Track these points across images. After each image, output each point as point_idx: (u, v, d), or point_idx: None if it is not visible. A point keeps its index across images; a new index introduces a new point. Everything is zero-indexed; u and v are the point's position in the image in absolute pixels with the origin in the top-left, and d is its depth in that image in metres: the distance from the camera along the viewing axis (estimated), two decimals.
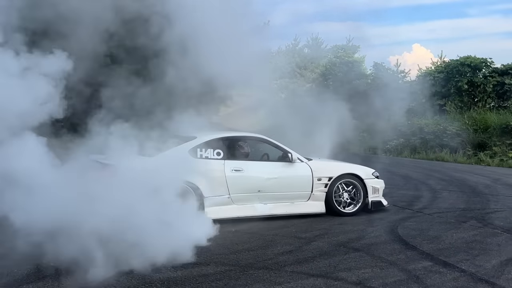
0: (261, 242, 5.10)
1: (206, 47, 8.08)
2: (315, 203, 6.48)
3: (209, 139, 6.20)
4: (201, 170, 5.87)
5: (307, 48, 31.03)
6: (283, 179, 6.34)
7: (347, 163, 7.14)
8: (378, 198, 6.80)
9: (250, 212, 6.15)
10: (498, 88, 17.75)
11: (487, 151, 14.84)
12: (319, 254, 4.64)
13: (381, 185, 6.93)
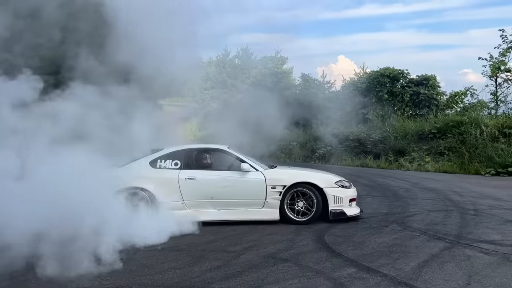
0: (188, 259, 4.93)
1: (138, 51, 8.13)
2: (269, 211, 6.68)
3: (170, 151, 7.01)
4: (157, 178, 6.69)
5: (237, 58, 31.33)
6: (236, 187, 6.74)
7: (308, 172, 7.16)
8: (341, 208, 6.67)
9: (204, 217, 6.57)
10: (415, 98, 19.03)
11: (406, 156, 15.79)
12: (248, 267, 4.57)
13: (346, 194, 6.78)
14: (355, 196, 6.97)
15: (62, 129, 5.88)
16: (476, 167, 13.23)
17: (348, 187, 6.89)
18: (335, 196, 6.64)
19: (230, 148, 7.20)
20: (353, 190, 7.02)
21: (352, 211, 6.81)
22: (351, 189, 6.95)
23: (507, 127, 13.78)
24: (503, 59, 16.58)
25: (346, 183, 6.91)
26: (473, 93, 18.02)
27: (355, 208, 6.93)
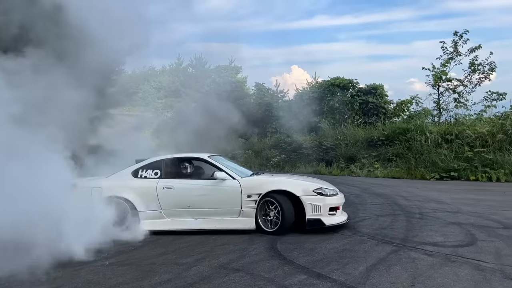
0: (137, 273, 4.78)
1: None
2: (245, 220, 6.59)
3: (152, 161, 7.20)
4: (137, 188, 6.89)
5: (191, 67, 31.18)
6: (212, 195, 6.71)
7: (285, 179, 6.97)
8: (319, 217, 6.36)
9: (181, 226, 6.72)
10: (364, 106, 19.66)
11: (357, 163, 16.26)
12: (199, 279, 4.50)
13: (326, 202, 6.43)
14: (338, 204, 6.64)
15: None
16: (421, 172, 13.83)
17: (329, 195, 6.52)
18: (312, 204, 6.36)
19: (211, 157, 7.21)
20: (337, 197, 6.66)
21: (333, 220, 6.46)
22: (333, 196, 6.59)
23: (449, 134, 14.53)
24: (444, 69, 17.51)
25: (327, 191, 6.56)
26: (418, 102, 18.88)
27: (339, 217, 6.60)
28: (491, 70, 17.06)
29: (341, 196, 6.86)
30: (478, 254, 5.12)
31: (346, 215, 6.87)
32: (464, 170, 12.96)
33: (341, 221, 6.58)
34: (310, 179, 7.45)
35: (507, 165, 12.32)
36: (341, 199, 6.80)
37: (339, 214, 6.67)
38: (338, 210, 6.65)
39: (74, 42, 8.18)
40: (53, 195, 5.47)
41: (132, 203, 6.76)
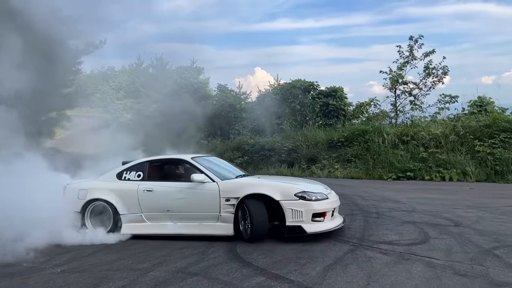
0: (91, 280, 4.62)
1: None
2: (224, 225, 6.18)
3: (136, 163, 6.99)
4: (119, 190, 6.73)
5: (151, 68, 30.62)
6: (190, 199, 6.38)
7: (266, 182, 6.49)
8: (299, 223, 5.81)
9: (161, 230, 6.47)
10: (324, 108, 20.01)
11: (318, 164, 16.49)
12: (155, 284, 4.40)
13: (309, 207, 5.86)
14: (325, 210, 6.01)
15: None
16: (379, 173, 14.21)
17: (313, 200, 5.95)
18: (293, 210, 5.80)
19: (196, 159, 6.88)
20: (324, 202, 6.06)
21: (318, 227, 5.87)
22: (319, 201, 6.00)
23: (405, 135, 15.01)
24: (401, 72, 18.09)
25: (312, 195, 5.98)
26: (376, 104, 19.40)
27: (326, 223, 6.00)
28: (444, 74, 17.79)
29: (331, 200, 6.24)
30: (430, 251, 5.29)
31: (340, 221, 6.35)
32: (419, 170, 13.42)
33: (329, 228, 5.97)
34: (303, 182, 6.86)
35: (458, 165, 12.86)
36: (330, 203, 6.17)
37: (328, 219, 6.06)
38: (325, 216, 6.02)
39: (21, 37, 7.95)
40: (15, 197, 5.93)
41: (114, 206, 6.62)
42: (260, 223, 5.86)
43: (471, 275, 4.38)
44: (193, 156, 7.02)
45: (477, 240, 5.76)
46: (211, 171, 6.57)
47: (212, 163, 7.23)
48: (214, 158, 7.79)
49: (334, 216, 6.32)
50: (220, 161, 7.90)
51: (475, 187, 11.28)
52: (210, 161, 7.29)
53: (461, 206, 8.36)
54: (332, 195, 6.48)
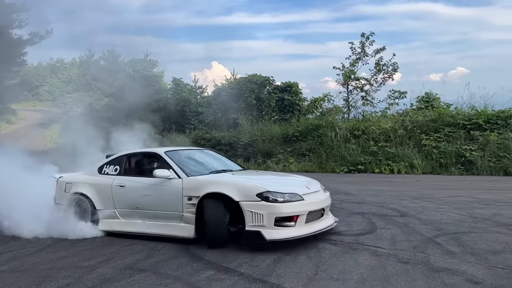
0: (32, 279, 4.41)
1: None
2: (186, 226, 5.56)
3: (115, 157, 6.69)
4: (96, 185, 6.51)
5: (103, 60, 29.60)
6: (155, 196, 5.91)
7: (227, 179, 5.74)
8: (258, 228, 5.02)
9: (131, 228, 6.12)
10: (280, 103, 20.21)
11: (273, 158, 16.64)
12: (100, 282, 4.27)
13: (271, 210, 5.04)
14: (294, 213, 5.16)
15: None
16: (332, 166, 14.55)
17: (279, 201, 5.10)
18: (253, 212, 5.03)
19: (168, 153, 6.29)
20: (295, 204, 5.20)
21: (281, 234, 5.06)
22: (287, 203, 5.15)
23: (357, 129, 15.45)
24: (353, 68, 18.57)
25: (278, 196, 5.14)
26: (329, 99, 19.82)
27: (296, 229, 5.17)
28: (394, 71, 18.42)
29: (309, 202, 5.34)
30: (376, 241, 5.47)
31: (323, 225, 5.50)
32: (370, 163, 13.87)
33: (298, 235, 5.13)
34: (284, 179, 6.33)
35: (406, 158, 13.40)
36: (305, 206, 5.27)
37: (301, 224, 5.22)
38: (296, 220, 5.19)
39: None
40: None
41: (91, 201, 6.43)
42: (214, 226, 5.21)
43: (413, 262, 4.57)
44: (167, 150, 6.49)
45: (420, 229, 6.02)
46: (180, 166, 5.95)
47: (192, 158, 6.67)
48: (204, 152, 7.33)
49: (320, 219, 5.57)
50: (212, 155, 7.32)
51: (421, 179, 11.80)
52: (191, 156, 6.76)
53: (408, 197, 8.72)
54: (314, 196, 5.59)
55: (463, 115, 14.13)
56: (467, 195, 8.73)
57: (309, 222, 5.33)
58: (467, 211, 7.12)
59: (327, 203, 5.79)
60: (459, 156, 12.76)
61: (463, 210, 7.21)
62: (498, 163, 12.12)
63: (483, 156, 12.33)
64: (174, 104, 22.70)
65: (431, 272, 4.25)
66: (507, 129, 12.84)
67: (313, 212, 5.40)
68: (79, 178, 6.86)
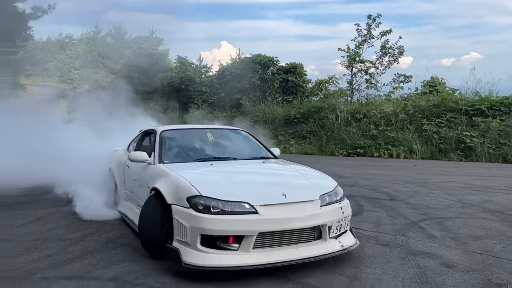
0: (16, 250, 4.50)
1: None
2: None
3: (138, 133, 6.24)
4: (116, 162, 6.29)
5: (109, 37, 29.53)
6: (138, 182, 5.11)
7: (171, 175, 4.23)
8: (179, 245, 3.73)
9: (130, 215, 5.28)
10: (284, 84, 20.10)
11: (274, 140, 16.64)
12: (81, 254, 4.34)
13: (196, 224, 3.57)
14: (232, 233, 3.57)
15: None
16: (331, 149, 14.54)
17: (213, 212, 3.59)
18: (179, 222, 3.73)
19: (165, 132, 5.38)
20: (237, 220, 3.57)
21: (206, 260, 3.54)
22: (225, 217, 3.58)
23: (358, 113, 15.35)
24: (358, 51, 18.34)
25: (213, 203, 3.63)
26: (334, 82, 19.66)
27: (237, 256, 3.56)
28: (400, 54, 18.19)
29: (260, 219, 3.61)
30: (360, 223, 5.50)
31: (292, 255, 3.66)
32: (369, 147, 13.83)
33: (232, 265, 3.53)
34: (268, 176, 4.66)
35: (406, 142, 13.33)
36: (254, 223, 3.58)
37: (247, 249, 3.57)
38: (242, 242, 3.57)
39: None
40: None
41: (115, 179, 6.23)
42: (144, 230, 4.12)
43: (392, 244, 4.59)
44: (167, 129, 5.61)
45: (406, 213, 6.04)
46: (162, 149, 4.99)
47: (197, 139, 5.61)
48: (229, 134, 6.02)
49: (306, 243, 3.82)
50: (238, 138, 5.91)
51: (419, 164, 11.76)
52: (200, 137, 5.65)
53: (401, 182, 8.71)
54: (285, 209, 3.77)
55: (466, 101, 13.96)
56: (461, 181, 8.70)
57: (268, 248, 3.64)
58: (458, 197, 7.11)
59: (323, 220, 3.85)
60: (459, 142, 12.66)
61: (453, 196, 7.20)
62: (497, 150, 12.02)
63: (483, 142, 12.23)
64: (178, 83, 22.67)
65: (408, 254, 4.27)
66: (509, 116, 12.69)
67: (276, 234, 3.66)
68: (116, 153, 6.54)
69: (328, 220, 3.89)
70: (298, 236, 3.79)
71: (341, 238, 4.04)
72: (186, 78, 22.72)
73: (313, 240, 3.87)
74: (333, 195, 4.13)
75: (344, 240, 4.06)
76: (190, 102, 22.39)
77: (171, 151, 5.16)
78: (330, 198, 4.07)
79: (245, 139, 5.86)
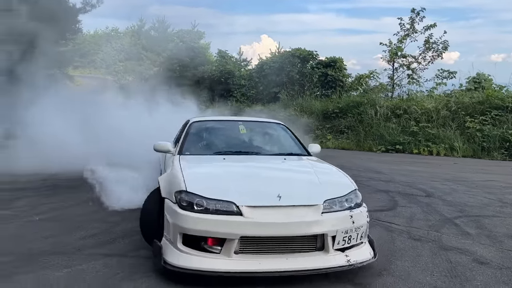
0: (64, 229, 4.87)
1: None
2: None
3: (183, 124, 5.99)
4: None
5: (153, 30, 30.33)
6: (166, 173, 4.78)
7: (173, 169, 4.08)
8: (165, 243, 3.56)
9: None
10: (323, 79, 19.96)
11: (311, 134, 16.63)
12: (123, 235, 4.64)
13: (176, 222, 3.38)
14: (212, 234, 3.28)
15: None
16: (369, 145, 14.37)
17: (196, 210, 3.33)
18: (166, 217, 3.56)
19: (195, 123, 5.39)
20: (219, 220, 3.27)
21: (187, 261, 3.29)
22: (207, 216, 3.29)
23: (398, 108, 15.07)
24: (400, 45, 17.93)
25: (196, 200, 3.37)
26: (375, 76, 19.32)
27: (216, 260, 3.26)
28: (444, 49, 17.61)
29: (243, 221, 3.26)
30: (393, 217, 5.52)
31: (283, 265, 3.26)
32: (409, 143, 13.56)
33: (211, 269, 3.23)
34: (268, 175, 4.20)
35: (447, 140, 12.98)
36: (237, 225, 3.25)
37: (227, 253, 3.26)
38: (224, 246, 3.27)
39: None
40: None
41: (160, 167, 6.09)
42: (143, 222, 3.99)
43: (424, 239, 4.60)
44: (198, 120, 5.59)
45: (442, 209, 5.98)
46: (185, 140, 4.98)
47: (228, 131, 5.49)
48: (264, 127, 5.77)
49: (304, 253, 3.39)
50: (273, 132, 5.66)
51: (460, 162, 11.45)
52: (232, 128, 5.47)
53: (439, 179, 8.55)
54: (277, 212, 3.36)
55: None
56: (502, 180, 8.44)
57: (254, 254, 3.29)
58: (498, 196, 6.94)
59: (323, 229, 3.36)
60: (503, 141, 12.19)
61: (493, 195, 7.03)
62: None
63: None
64: (218, 76, 23.02)
65: (439, 250, 4.27)
66: None
67: (265, 240, 3.30)
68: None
69: (330, 230, 3.37)
70: (293, 245, 3.35)
71: (350, 251, 3.49)
72: (225, 72, 23.02)
73: (313, 251, 3.39)
74: (344, 201, 3.60)
75: (354, 254, 3.49)
76: (229, 95, 22.69)
77: (195, 142, 5.11)
78: (338, 205, 3.56)
79: (279, 133, 5.59)
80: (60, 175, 7.88)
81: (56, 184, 7.47)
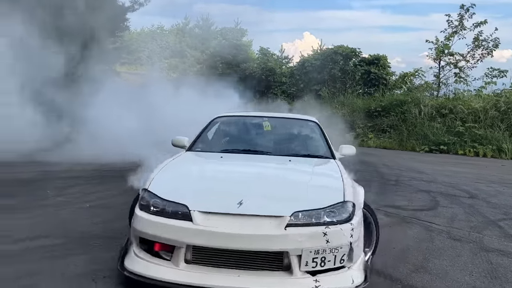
0: (113, 216, 5.16)
1: None
2: None
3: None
4: None
5: (197, 28, 30.92)
6: None
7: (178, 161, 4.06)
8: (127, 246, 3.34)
9: None
10: (365, 76, 19.67)
11: (351, 132, 16.46)
12: None
13: (135, 224, 3.12)
14: (161, 240, 2.96)
15: None
16: (412, 144, 14.06)
17: (152, 211, 3.04)
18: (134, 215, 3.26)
19: (218, 118, 5.26)
20: (169, 225, 2.93)
21: (141, 267, 3.00)
22: (160, 219, 2.97)
23: (443, 108, 14.63)
24: (448, 43, 17.36)
25: (153, 200, 3.09)
26: (420, 75, 18.82)
27: (166, 268, 2.93)
28: (495, 47, 16.89)
29: (193, 228, 2.87)
30: (434, 217, 5.44)
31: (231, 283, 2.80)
32: (454, 144, 13.16)
33: (159, 278, 2.89)
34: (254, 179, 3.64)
35: (495, 141, 12.49)
36: (185, 232, 2.87)
37: (177, 264, 2.92)
38: (173, 252, 2.93)
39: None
40: None
41: None
42: (129, 219, 3.75)
43: (464, 240, 4.53)
44: (220, 115, 5.34)
45: (485, 211, 5.82)
46: (201, 136, 4.84)
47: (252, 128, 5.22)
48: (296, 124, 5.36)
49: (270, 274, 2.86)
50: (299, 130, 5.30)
51: (508, 164, 11.00)
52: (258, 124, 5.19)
53: (484, 181, 8.29)
54: (234, 221, 2.88)
55: None
56: None
57: (206, 267, 2.90)
58: None
59: (284, 246, 2.81)
60: None
61: None
62: None
63: None
64: (259, 73, 23.20)
65: (480, 251, 4.20)
66: None
67: (218, 252, 2.85)
68: None
69: (293, 248, 2.79)
70: (255, 261, 2.86)
71: (324, 275, 2.85)
72: (267, 69, 23.15)
73: (277, 270, 2.86)
74: (323, 215, 2.93)
75: (327, 280, 2.84)
76: (270, 92, 22.81)
77: (210, 138, 4.96)
78: (314, 218, 2.90)
79: (306, 131, 5.20)
80: (109, 165, 8.31)
81: (103, 175, 7.89)
